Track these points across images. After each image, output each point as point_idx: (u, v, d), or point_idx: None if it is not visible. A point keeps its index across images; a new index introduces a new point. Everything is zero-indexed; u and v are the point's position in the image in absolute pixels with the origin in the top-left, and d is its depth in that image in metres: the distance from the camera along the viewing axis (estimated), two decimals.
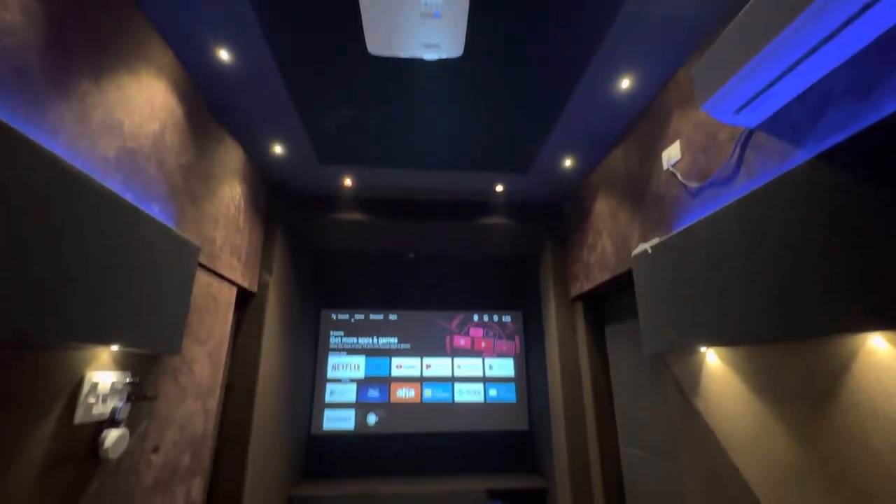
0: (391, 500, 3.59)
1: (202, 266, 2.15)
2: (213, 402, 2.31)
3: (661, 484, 2.34)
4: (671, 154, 1.99)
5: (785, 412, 1.43)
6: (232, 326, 2.75)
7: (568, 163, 2.75)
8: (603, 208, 2.65)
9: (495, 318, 4.66)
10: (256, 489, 2.75)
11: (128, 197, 1.62)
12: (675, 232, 1.84)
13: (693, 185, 1.83)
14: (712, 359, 1.75)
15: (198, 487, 2.15)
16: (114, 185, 1.57)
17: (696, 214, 1.81)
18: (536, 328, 4.11)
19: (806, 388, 1.38)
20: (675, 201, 1.95)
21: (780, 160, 1.45)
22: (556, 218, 3.37)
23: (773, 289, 1.40)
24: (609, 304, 3.02)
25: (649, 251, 1.99)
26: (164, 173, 1.84)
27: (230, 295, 2.50)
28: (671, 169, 1.98)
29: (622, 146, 2.42)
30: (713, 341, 1.61)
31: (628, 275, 2.40)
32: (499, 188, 3.13)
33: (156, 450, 1.84)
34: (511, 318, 4.67)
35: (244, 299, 2.84)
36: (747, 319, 1.47)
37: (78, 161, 1.43)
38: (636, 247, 2.19)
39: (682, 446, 1.89)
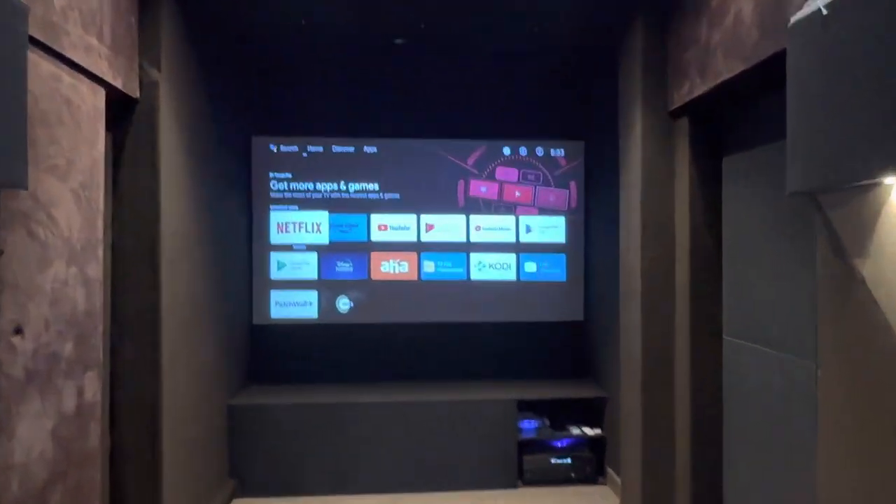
0: (374, 411, 4.02)
1: (38, 44, 2.04)
2: (96, 269, 2.40)
3: (785, 390, 2.51)
4: None
5: None
6: (108, 153, 2.74)
7: None
8: None
9: (539, 150, 4.63)
10: (178, 393, 3.05)
11: None
12: None
13: None
14: None
15: (93, 385, 2.37)
16: None
17: None
18: (606, 166, 4.09)
19: None
20: None
21: None
22: None
23: None
24: (735, 118, 2.92)
25: (825, 11, 1.82)
26: None
27: (95, 99, 2.43)
28: None
29: None
30: None
31: (777, 62, 2.25)
32: None
33: (19, 331, 1.97)
34: (565, 151, 4.64)
35: (122, 111, 2.78)
36: None
37: None
38: (800, 7, 2.01)
39: (826, 332, 1.97)
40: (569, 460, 4.10)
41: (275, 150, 4.49)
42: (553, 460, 4.09)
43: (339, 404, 4.00)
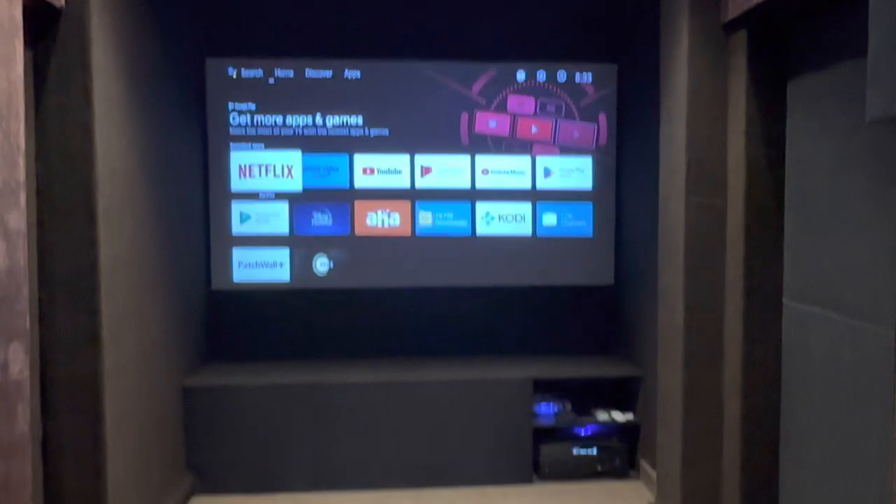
0: (359, 393, 4.05)
1: None
2: (19, 218, 2.38)
3: (858, 365, 2.51)
4: None
5: None
6: (28, 75, 2.69)
7: None
8: None
9: (561, 75, 4.57)
10: (123, 371, 3.07)
11: None
12: None
13: None
14: None
15: (19, 360, 2.37)
16: None
17: None
18: (644, 95, 4.05)
19: None
20: None
21: None
22: None
23: None
24: (805, 31, 2.88)
25: None
26: None
27: (10, 7, 2.35)
28: None
29: None
30: None
31: None
32: None
33: None
34: (593, 76, 4.58)
35: (44, 23, 2.74)
36: None
37: None
38: None
39: None
40: (594, 451, 4.14)
41: (234, 75, 4.41)
42: (575, 451, 4.13)
43: (317, 385, 4.03)
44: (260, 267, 4.47)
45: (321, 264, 4.50)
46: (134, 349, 3.22)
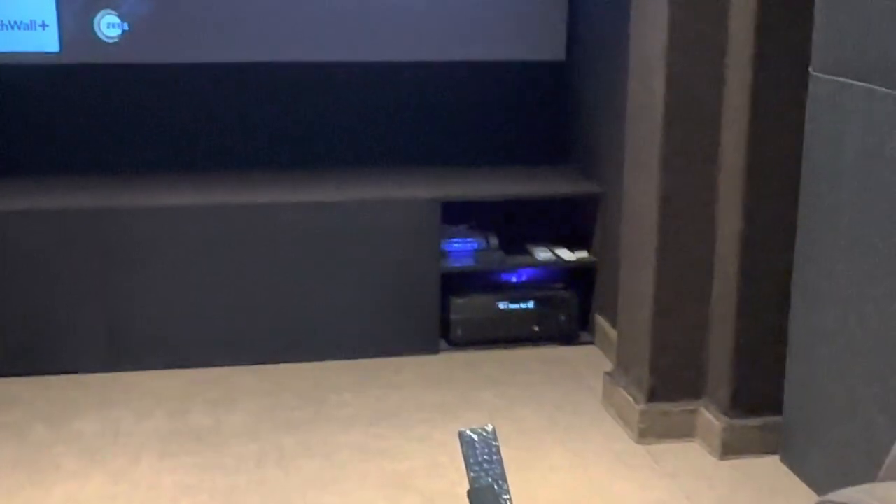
0: (171, 223, 3.95)
1: None
2: None
3: None
4: None
5: None
6: None
7: None
8: None
9: None
10: None
11: None
12: None
13: None
14: None
15: None
16: None
17: None
18: None
19: None
20: None
21: None
22: None
23: None
24: None
25: None
26: None
27: None
28: None
29: None
30: None
31: None
32: None
33: None
34: None
35: None
36: None
37: None
38: None
39: None
40: (530, 305, 4.16)
41: None
42: (502, 305, 4.15)
43: (111, 210, 3.94)
44: (10, 29, 4.21)
45: (108, 25, 4.25)
46: None
